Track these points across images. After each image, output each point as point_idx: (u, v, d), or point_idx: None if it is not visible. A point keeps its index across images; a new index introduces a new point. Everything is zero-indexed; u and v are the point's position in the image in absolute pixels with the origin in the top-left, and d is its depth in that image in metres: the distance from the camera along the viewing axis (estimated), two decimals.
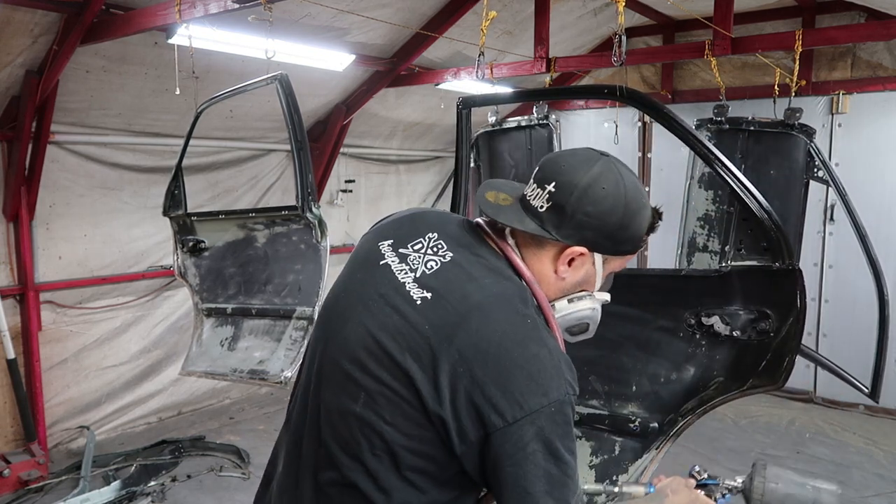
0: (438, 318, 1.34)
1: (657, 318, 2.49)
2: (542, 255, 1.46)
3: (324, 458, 1.40)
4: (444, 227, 1.50)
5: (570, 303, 1.50)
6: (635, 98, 2.47)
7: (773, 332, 2.27)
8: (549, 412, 1.29)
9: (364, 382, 1.36)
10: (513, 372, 1.29)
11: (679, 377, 2.39)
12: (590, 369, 2.59)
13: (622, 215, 1.44)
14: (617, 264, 1.55)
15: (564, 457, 1.31)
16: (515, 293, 1.39)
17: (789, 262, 2.26)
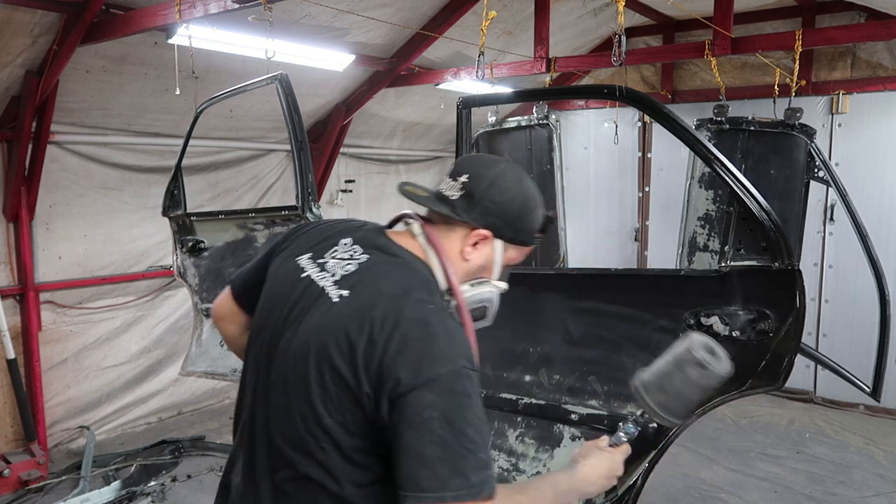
0: (353, 310, 1.48)
1: (656, 318, 2.49)
2: (452, 237, 1.63)
3: (278, 459, 1.53)
4: (355, 233, 1.67)
5: (472, 286, 1.65)
6: (635, 98, 2.47)
7: (773, 333, 2.27)
8: (446, 382, 1.39)
9: (302, 383, 1.49)
10: (413, 346, 1.42)
11: None
12: (589, 369, 2.59)
13: (521, 207, 1.65)
14: (514, 254, 1.70)
15: (463, 428, 1.37)
16: (422, 284, 1.56)
17: (789, 263, 2.26)
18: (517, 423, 2.68)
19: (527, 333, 2.81)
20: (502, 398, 2.73)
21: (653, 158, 8.15)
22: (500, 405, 2.74)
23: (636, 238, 8.34)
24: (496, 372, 2.81)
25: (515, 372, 2.76)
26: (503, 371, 2.79)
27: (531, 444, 2.62)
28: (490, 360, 2.85)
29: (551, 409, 2.61)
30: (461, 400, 1.39)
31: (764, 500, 5.11)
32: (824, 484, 5.34)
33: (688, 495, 5.17)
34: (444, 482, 1.34)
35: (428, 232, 1.64)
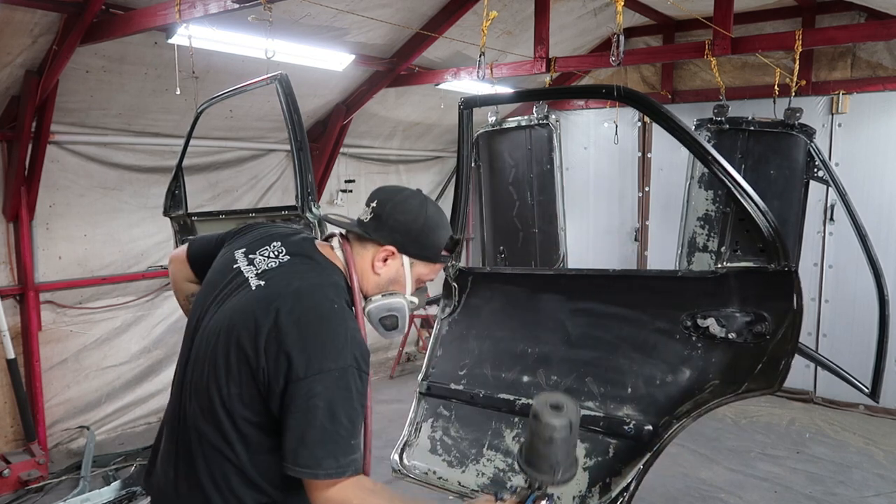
0: (265, 298, 1.73)
1: (653, 319, 2.48)
2: (365, 254, 1.88)
3: (191, 426, 1.76)
4: (287, 238, 1.93)
5: (384, 297, 1.90)
6: (633, 98, 2.47)
7: (770, 335, 2.26)
8: (334, 376, 1.63)
9: (215, 360, 1.73)
10: (312, 339, 1.65)
11: (674, 379, 2.39)
12: (585, 371, 2.59)
13: (423, 226, 1.88)
14: (423, 270, 1.93)
15: (340, 418, 1.62)
16: (330, 285, 1.80)
17: (785, 264, 2.26)
18: (514, 423, 2.68)
19: (525, 334, 2.81)
20: (500, 399, 2.73)
21: (653, 158, 8.15)
22: (497, 406, 2.73)
23: (636, 238, 8.34)
24: (494, 372, 2.81)
25: (513, 372, 2.76)
26: (501, 371, 2.80)
27: None
28: (488, 361, 2.86)
29: None
30: (343, 394, 1.63)
31: (764, 500, 5.11)
32: (824, 484, 5.34)
33: (688, 495, 5.17)
34: (318, 462, 1.60)
35: (345, 246, 1.89)
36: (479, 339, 2.93)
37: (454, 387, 2.87)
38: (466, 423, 2.80)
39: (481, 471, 2.67)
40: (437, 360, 2.98)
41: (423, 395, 2.95)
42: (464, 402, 2.83)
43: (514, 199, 5.54)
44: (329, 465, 1.61)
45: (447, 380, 2.90)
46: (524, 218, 5.53)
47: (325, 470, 1.61)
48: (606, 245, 8.56)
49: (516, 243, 5.61)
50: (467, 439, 2.76)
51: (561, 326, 2.71)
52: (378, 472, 2.68)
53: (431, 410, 2.91)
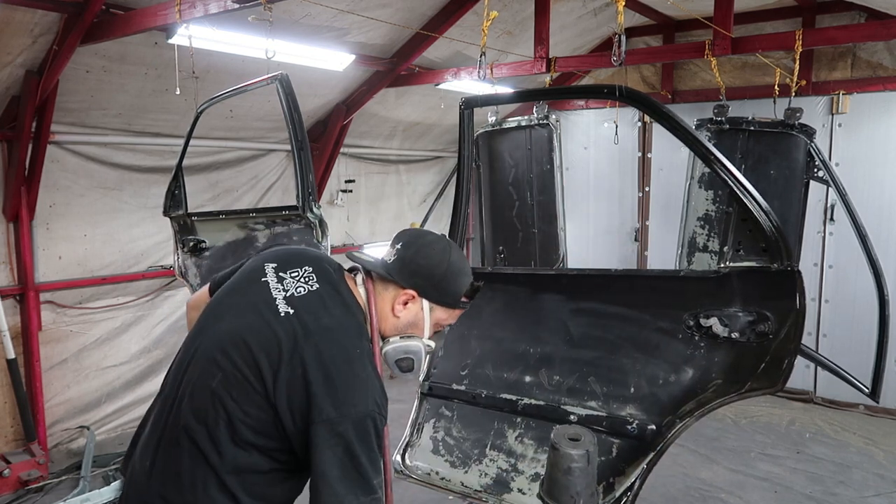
0: (293, 330, 1.75)
1: (656, 319, 2.48)
2: (386, 295, 1.91)
3: (181, 422, 1.77)
4: (319, 264, 1.93)
5: (402, 339, 1.93)
6: (634, 98, 2.46)
7: (772, 334, 2.26)
8: (356, 421, 1.69)
9: (224, 366, 1.74)
10: (336, 383, 1.70)
11: (677, 379, 2.38)
12: (588, 371, 2.59)
13: (445, 272, 1.90)
14: (443, 315, 1.96)
15: (360, 459, 1.68)
16: (355, 327, 1.83)
17: (788, 264, 2.26)
18: (517, 423, 2.68)
19: (527, 334, 2.81)
20: (502, 399, 2.73)
21: (653, 158, 8.15)
22: (500, 406, 2.73)
23: (636, 238, 8.34)
24: (496, 372, 2.81)
25: (515, 372, 2.76)
26: (503, 371, 2.79)
27: (530, 445, 2.62)
28: (490, 361, 2.85)
29: (551, 410, 2.60)
30: (364, 437, 1.69)
31: (764, 500, 5.11)
32: (824, 484, 5.34)
33: (688, 495, 5.17)
34: (340, 499, 1.66)
35: (367, 285, 1.92)
36: (480, 340, 2.92)
37: (456, 387, 2.87)
38: (468, 424, 2.80)
39: (484, 471, 2.67)
40: (439, 360, 2.98)
41: (424, 395, 2.95)
42: (466, 402, 2.83)
43: (514, 199, 5.54)
44: (350, 501, 1.67)
45: (449, 380, 2.90)
46: (524, 218, 5.53)
47: None
48: (606, 245, 8.56)
49: (516, 243, 5.61)
50: (469, 439, 2.76)
51: (563, 326, 2.71)
52: None
53: (433, 411, 2.91)
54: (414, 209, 9.04)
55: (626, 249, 8.44)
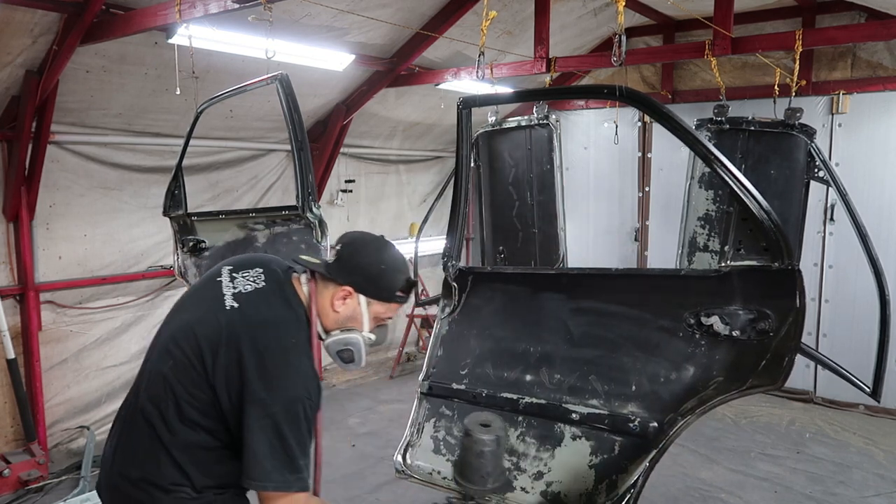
0: (235, 322, 1.97)
1: (657, 318, 2.48)
2: (326, 293, 2.09)
3: (139, 405, 2.01)
4: (269, 266, 2.15)
5: (342, 333, 2.12)
6: (635, 98, 2.47)
7: (773, 333, 2.26)
8: (284, 403, 1.88)
9: (174, 353, 1.98)
10: (269, 368, 1.90)
11: (679, 377, 2.39)
12: (589, 369, 2.59)
13: (378, 269, 2.09)
14: (380, 309, 2.14)
15: (288, 440, 1.87)
16: (293, 320, 2.03)
17: (789, 262, 2.26)
18: (518, 422, 2.68)
19: (528, 333, 2.81)
20: (504, 398, 2.73)
21: (653, 158, 8.15)
22: (500, 405, 2.73)
23: (636, 238, 8.35)
24: (497, 371, 2.81)
25: (516, 371, 2.76)
26: (504, 370, 2.79)
27: (532, 444, 2.62)
28: (490, 360, 2.85)
29: (552, 409, 2.60)
30: (292, 419, 1.88)
31: (764, 500, 5.11)
32: (824, 484, 5.34)
33: (688, 495, 5.17)
34: (267, 475, 1.87)
35: (310, 284, 2.10)
36: (480, 339, 2.92)
37: (456, 386, 2.86)
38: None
39: None
40: (438, 359, 2.98)
41: (424, 395, 2.94)
42: (466, 401, 2.82)
43: (514, 199, 5.54)
44: (276, 478, 1.87)
45: (449, 379, 2.90)
46: (524, 218, 5.53)
47: (274, 482, 1.87)
48: (606, 245, 8.57)
49: (516, 243, 5.61)
50: None
51: (563, 325, 2.71)
52: (381, 473, 2.67)
53: (434, 410, 2.91)
54: (414, 209, 9.04)
55: (626, 249, 8.45)
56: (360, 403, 7.15)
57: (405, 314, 8.50)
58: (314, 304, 2.08)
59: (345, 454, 5.77)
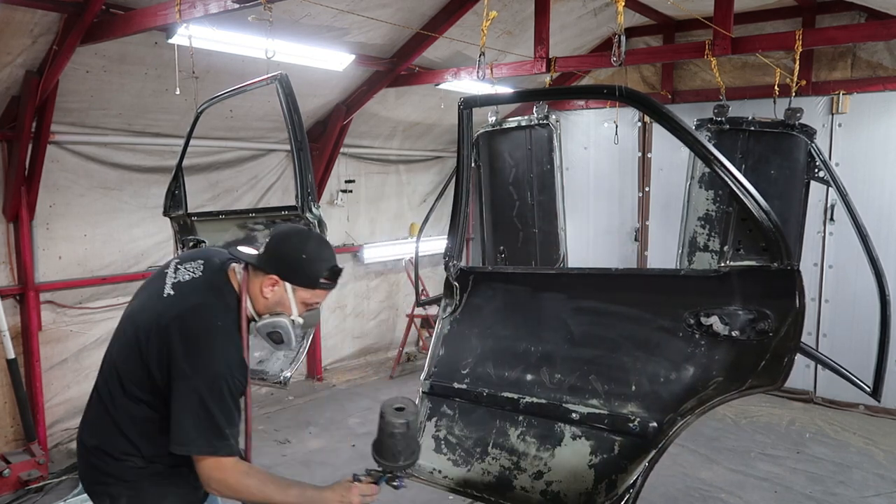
0: (168, 307, 2.21)
1: (657, 317, 2.48)
2: (257, 281, 2.29)
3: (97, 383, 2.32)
4: (211, 259, 2.37)
5: (271, 317, 2.30)
6: (634, 98, 2.47)
7: (773, 333, 2.26)
8: (208, 379, 2.11)
9: (120, 337, 2.29)
10: (194, 348, 2.12)
11: (678, 377, 2.39)
12: (589, 369, 2.59)
13: (300, 258, 2.26)
14: (306, 295, 2.31)
15: (212, 410, 2.10)
16: (222, 306, 2.24)
17: (788, 263, 2.26)
18: (519, 422, 2.68)
19: (528, 332, 2.81)
20: (504, 397, 2.73)
21: (653, 158, 8.15)
22: (501, 404, 2.73)
23: (636, 238, 8.35)
24: (497, 371, 2.81)
25: (517, 371, 2.76)
26: (504, 370, 2.79)
27: (532, 443, 2.62)
28: (491, 359, 2.85)
29: (552, 409, 2.60)
30: (216, 393, 2.11)
31: (764, 500, 5.11)
32: (824, 484, 5.34)
33: (688, 495, 5.17)
34: (191, 441, 2.11)
35: (244, 274, 2.30)
36: (481, 338, 2.92)
37: (457, 386, 2.87)
38: (470, 422, 2.80)
39: (486, 469, 2.67)
40: (440, 359, 2.98)
41: (426, 394, 2.95)
42: (467, 401, 2.82)
43: (514, 199, 5.54)
44: (200, 444, 2.11)
45: (450, 379, 2.90)
46: (524, 218, 5.53)
47: (198, 448, 2.11)
48: (606, 245, 8.57)
49: (516, 243, 5.61)
50: (471, 438, 2.76)
51: (563, 325, 2.71)
52: None
53: (435, 410, 2.91)
54: (414, 209, 9.04)
55: (626, 249, 8.45)
56: (360, 403, 7.15)
57: (405, 314, 8.51)
58: (245, 291, 2.27)
59: (345, 454, 5.77)
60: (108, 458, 2.24)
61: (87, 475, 2.34)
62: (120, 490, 2.25)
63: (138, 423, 2.21)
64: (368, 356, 8.76)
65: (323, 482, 2.28)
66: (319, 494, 2.27)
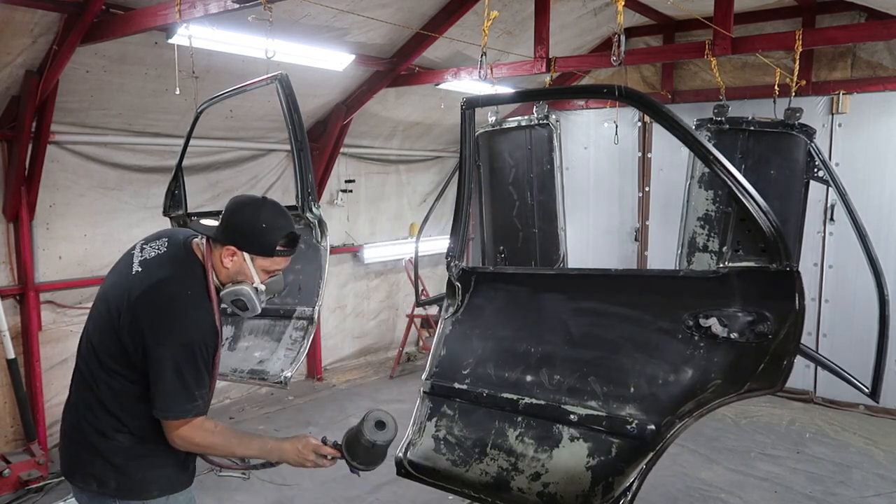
0: (136, 283, 2.31)
1: (656, 319, 2.48)
2: (216, 252, 2.38)
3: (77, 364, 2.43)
4: (175, 237, 2.49)
5: (234, 285, 2.39)
6: (634, 98, 2.46)
7: (772, 335, 2.25)
8: (179, 346, 2.22)
9: (95, 315, 2.40)
10: (164, 317, 2.23)
11: (677, 379, 2.38)
12: (588, 370, 2.58)
13: (255, 228, 2.35)
14: (265, 263, 2.40)
15: (185, 377, 2.22)
16: (188, 277, 2.33)
17: (787, 264, 2.26)
18: (517, 423, 2.68)
19: (529, 333, 2.80)
20: (503, 398, 2.73)
21: (653, 158, 8.15)
22: (501, 405, 2.73)
23: (636, 238, 8.35)
24: (497, 371, 2.81)
25: (517, 372, 2.76)
26: (504, 371, 2.79)
27: (530, 444, 2.62)
28: (491, 360, 2.85)
29: (551, 410, 2.60)
30: (188, 359, 2.22)
31: (764, 500, 5.11)
32: (824, 484, 5.34)
33: (688, 495, 5.17)
34: (168, 406, 2.23)
35: (206, 247, 2.39)
36: (482, 339, 2.92)
37: (458, 386, 2.86)
38: (470, 423, 2.79)
39: (485, 470, 2.67)
40: (441, 359, 2.98)
41: (426, 394, 2.94)
42: (467, 401, 2.82)
43: (514, 198, 5.54)
44: (176, 408, 2.23)
45: (451, 379, 2.90)
46: (524, 218, 5.53)
47: (174, 412, 2.23)
48: (606, 245, 8.57)
49: (516, 243, 5.61)
50: (471, 438, 2.76)
51: (563, 326, 2.71)
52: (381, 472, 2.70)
53: (435, 410, 2.91)
54: (414, 209, 9.04)
55: (626, 249, 8.45)
56: (360, 403, 7.15)
57: (405, 314, 8.51)
58: (209, 263, 2.37)
59: None
60: (95, 436, 2.33)
61: (73, 459, 2.43)
62: (107, 472, 2.32)
63: (119, 395, 2.30)
64: (368, 356, 8.76)
65: (324, 483, 2.29)
66: (279, 446, 2.40)
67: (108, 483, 2.32)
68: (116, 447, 2.32)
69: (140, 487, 2.34)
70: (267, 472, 5.28)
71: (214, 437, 2.32)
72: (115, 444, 2.32)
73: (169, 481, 2.40)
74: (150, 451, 2.35)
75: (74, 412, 2.42)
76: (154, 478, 2.36)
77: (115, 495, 2.34)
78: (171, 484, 2.40)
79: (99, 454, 2.32)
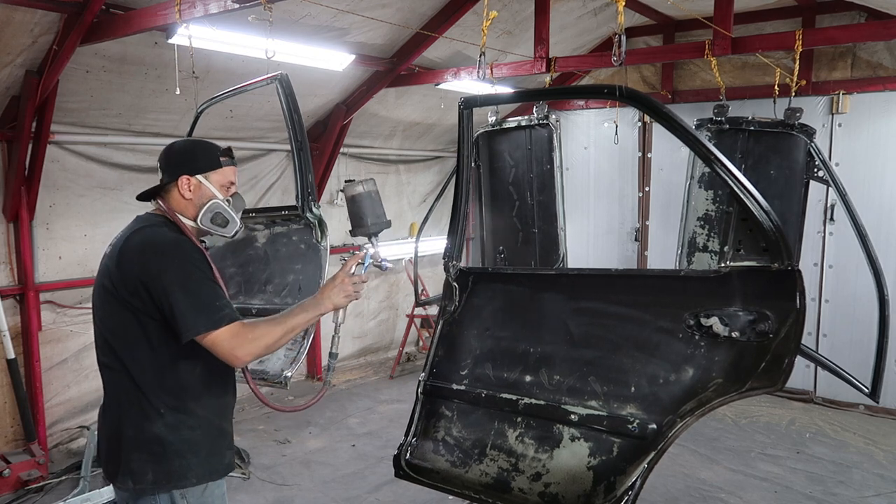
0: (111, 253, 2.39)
1: (656, 318, 2.48)
2: (171, 195, 2.50)
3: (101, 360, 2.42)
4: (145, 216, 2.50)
5: (206, 208, 2.49)
6: (635, 98, 2.46)
7: (773, 334, 2.25)
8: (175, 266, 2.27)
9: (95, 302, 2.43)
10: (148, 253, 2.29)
11: (678, 378, 2.38)
12: (588, 370, 2.58)
13: (190, 150, 2.55)
14: (217, 177, 2.56)
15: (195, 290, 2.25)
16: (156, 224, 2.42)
17: (788, 263, 2.26)
18: (517, 423, 2.68)
19: (528, 333, 2.80)
20: (503, 398, 2.73)
21: (653, 158, 8.16)
22: (500, 405, 2.73)
23: (636, 238, 8.35)
24: (496, 372, 2.80)
25: (516, 372, 2.76)
26: (503, 371, 2.79)
27: (531, 445, 2.62)
28: (490, 360, 2.85)
29: (551, 410, 2.60)
30: (189, 273, 2.26)
31: (764, 500, 5.11)
32: (824, 484, 5.34)
33: (688, 495, 5.17)
34: (194, 323, 2.21)
35: (160, 202, 2.50)
36: (480, 339, 2.92)
37: (456, 387, 2.86)
38: (469, 423, 2.79)
39: (485, 471, 2.67)
40: (439, 360, 2.98)
41: (425, 395, 2.94)
42: (466, 402, 2.82)
43: (514, 199, 5.54)
44: (202, 322, 2.22)
45: (449, 380, 2.90)
46: (524, 218, 5.53)
47: (204, 324, 2.22)
48: (606, 245, 8.57)
49: (516, 243, 5.61)
50: (470, 439, 2.76)
51: (563, 326, 2.71)
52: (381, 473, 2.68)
53: (434, 411, 2.91)
54: (414, 209, 9.04)
55: (626, 249, 8.45)
56: (360, 403, 7.15)
57: (405, 314, 8.51)
58: (171, 208, 2.48)
59: (345, 454, 5.77)
60: (132, 429, 2.32)
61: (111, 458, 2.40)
62: (143, 465, 2.31)
63: (146, 370, 2.31)
64: (368, 356, 8.76)
65: (324, 483, 2.28)
66: (316, 297, 2.48)
67: (145, 476, 2.31)
68: (152, 436, 2.31)
69: (178, 475, 2.33)
70: (267, 472, 5.30)
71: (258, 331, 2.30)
72: (151, 433, 2.31)
73: (205, 468, 2.39)
74: (185, 437, 2.34)
75: (110, 411, 2.43)
76: (190, 464, 2.34)
77: (152, 490, 2.32)
78: (207, 472, 2.39)
79: (136, 447, 2.32)
